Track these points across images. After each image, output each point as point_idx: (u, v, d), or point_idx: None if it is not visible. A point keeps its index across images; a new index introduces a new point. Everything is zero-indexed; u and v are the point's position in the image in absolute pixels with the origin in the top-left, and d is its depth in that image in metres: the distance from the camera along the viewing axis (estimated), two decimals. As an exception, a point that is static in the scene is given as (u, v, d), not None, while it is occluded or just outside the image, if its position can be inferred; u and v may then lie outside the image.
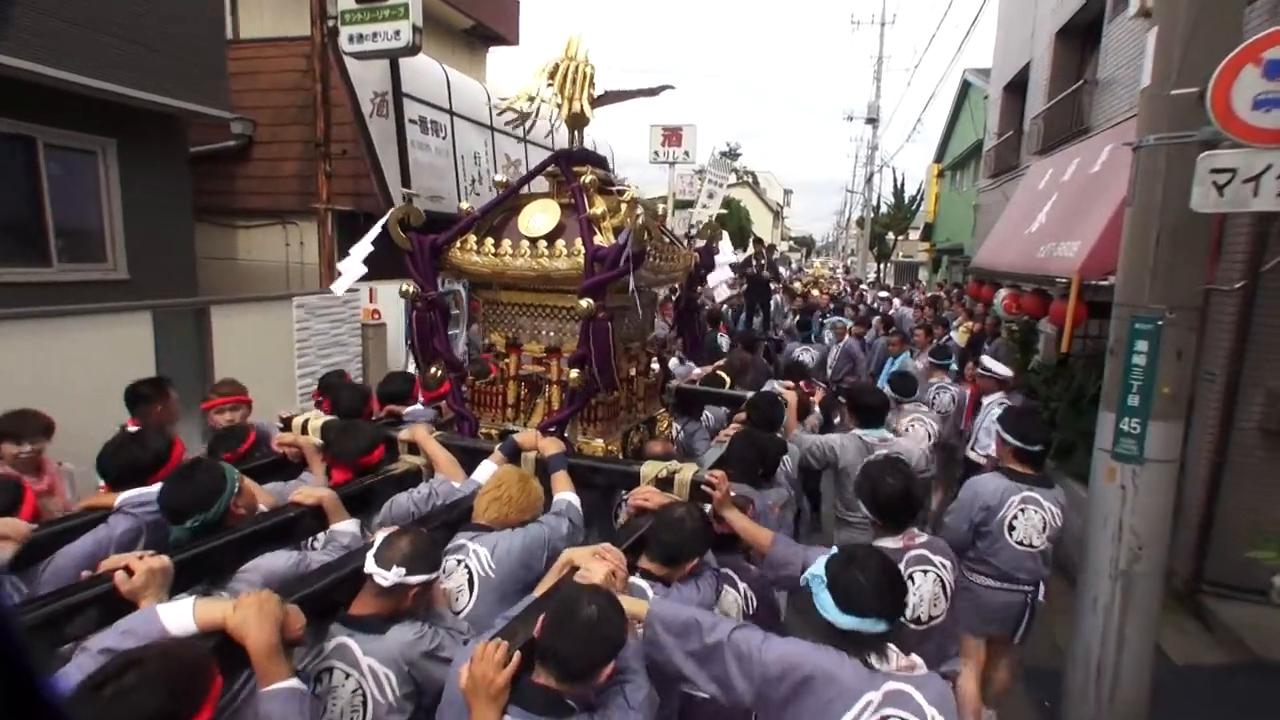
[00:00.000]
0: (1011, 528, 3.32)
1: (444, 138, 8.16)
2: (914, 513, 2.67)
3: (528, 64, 3.45)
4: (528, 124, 3.36)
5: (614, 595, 1.76)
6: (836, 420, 5.15)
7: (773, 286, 13.25)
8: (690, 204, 18.28)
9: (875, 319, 10.61)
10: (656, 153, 19.91)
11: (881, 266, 34.37)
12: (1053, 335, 9.38)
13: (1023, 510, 3.33)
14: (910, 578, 2.49)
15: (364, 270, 3.77)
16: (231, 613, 1.56)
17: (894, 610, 1.80)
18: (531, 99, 3.28)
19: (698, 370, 5.15)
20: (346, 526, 2.43)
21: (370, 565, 1.89)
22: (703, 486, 2.59)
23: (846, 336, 8.57)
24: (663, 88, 4.02)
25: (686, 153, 19.91)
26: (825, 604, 1.79)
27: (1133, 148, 3.60)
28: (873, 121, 26.46)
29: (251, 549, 2.15)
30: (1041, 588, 3.41)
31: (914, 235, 32.78)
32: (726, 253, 5.65)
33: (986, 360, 5.65)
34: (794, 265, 39.59)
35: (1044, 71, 10.10)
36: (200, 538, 2.08)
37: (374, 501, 2.73)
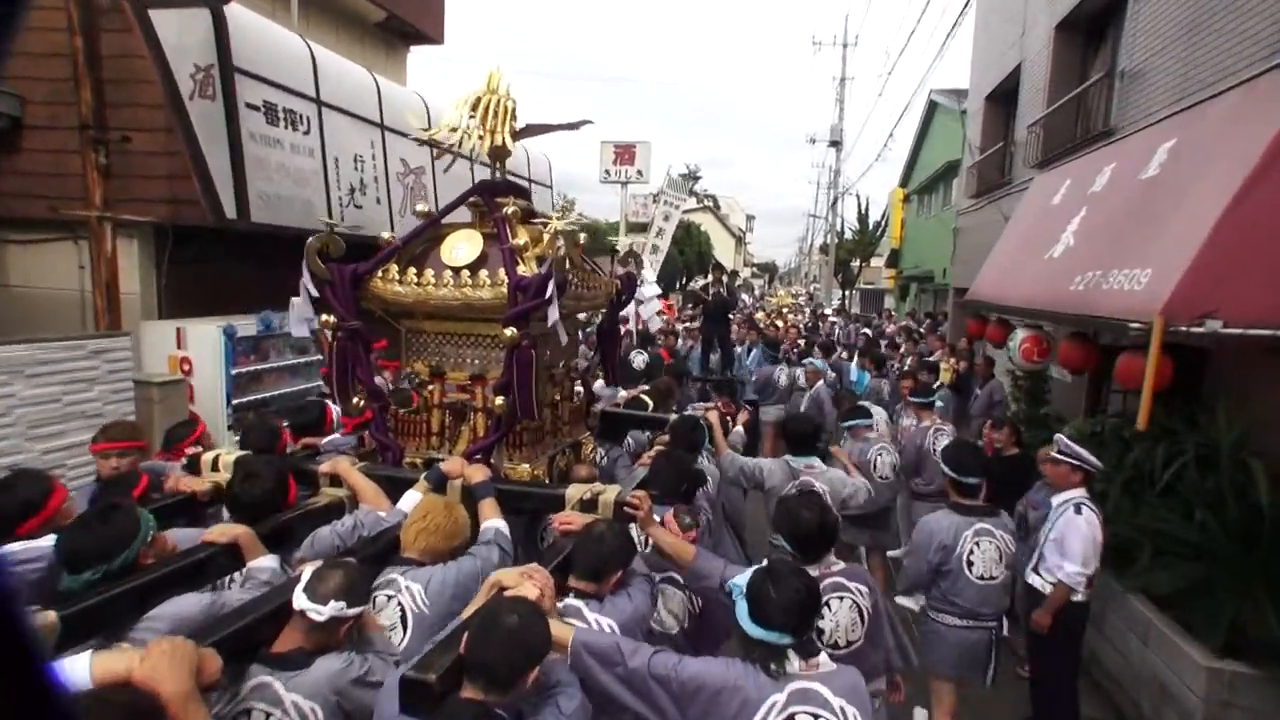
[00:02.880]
0: (970, 563, 3.37)
1: (306, 132, 6.25)
2: (830, 544, 2.70)
3: (455, 68, 3.19)
4: (448, 160, 3.62)
5: (536, 605, 1.85)
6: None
7: (731, 316, 11.59)
8: (644, 227, 16.68)
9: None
10: (608, 172, 18.23)
11: (846, 294, 33.30)
12: (1069, 384, 7.87)
13: (978, 544, 3.38)
14: (827, 604, 2.54)
15: (310, 315, 3.41)
16: (138, 663, 1.49)
17: (801, 627, 1.88)
18: (454, 129, 3.33)
19: (623, 394, 5.06)
20: (265, 563, 2.33)
21: (301, 601, 1.86)
22: (625, 507, 2.68)
23: (820, 383, 7.42)
24: (583, 122, 3.95)
25: (640, 172, 18.29)
26: (741, 614, 1.92)
27: None
28: (836, 144, 25.38)
29: (157, 595, 2.00)
30: (1004, 622, 3.49)
31: (876, 262, 31.83)
32: (650, 280, 5.07)
33: (1069, 442, 3.91)
34: (756, 292, 38.38)
35: (1041, 73, 8.70)
36: (96, 587, 1.94)
37: (293, 537, 2.61)
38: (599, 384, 5.16)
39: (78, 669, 1.47)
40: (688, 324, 13.21)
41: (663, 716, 1.90)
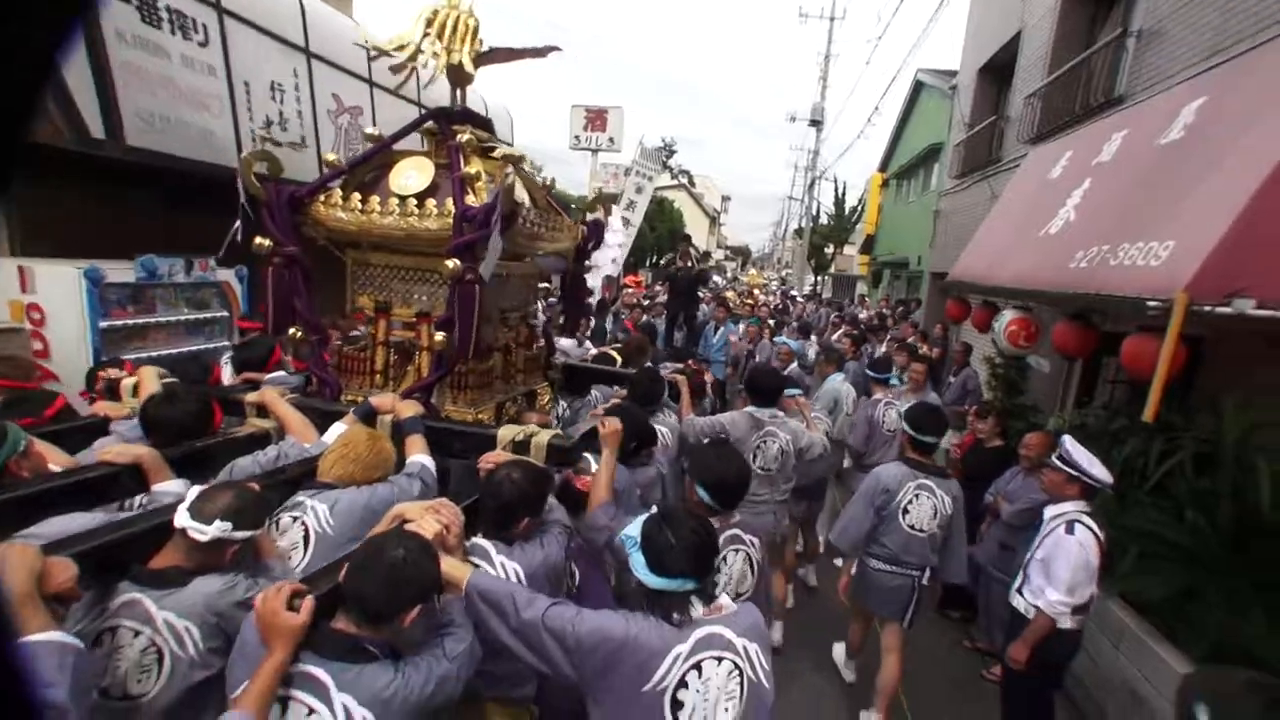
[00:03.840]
0: (905, 511, 3.59)
1: (203, 44, 5.27)
2: (742, 495, 2.69)
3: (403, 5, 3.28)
4: (401, 77, 3.19)
5: (428, 543, 1.77)
6: None
7: (700, 294, 10.95)
8: (615, 198, 15.90)
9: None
10: (577, 137, 17.39)
11: (819, 279, 32.91)
12: (1048, 374, 7.39)
13: (916, 496, 3.60)
14: (724, 556, 2.59)
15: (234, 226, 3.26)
16: None
17: (702, 570, 1.82)
18: (405, 45, 3.09)
19: (594, 350, 4.98)
20: (172, 487, 2.21)
21: (184, 519, 1.78)
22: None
23: (794, 364, 6.97)
24: (550, 48, 3.60)
25: (611, 139, 17.50)
26: (638, 565, 1.81)
27: None
28: (816, 124, 24.70)
29: (41, 511, 1.92)
30: (927, 573, 3.67)
31: (849, 250, 31.47)
32: (616, 229, 4.99)
33: (1073, 448, 3.34)
34: (729, 274, 37.85)
35: (1043, 40, 8.12)
36: None
37: (212, 465, 2.49)
38: (570, 341, 4.96)
39: None
40: (655, 300, 12.58)
41: (555, 669, 1.81)
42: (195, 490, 1.87)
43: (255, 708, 1.47)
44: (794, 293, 24.18)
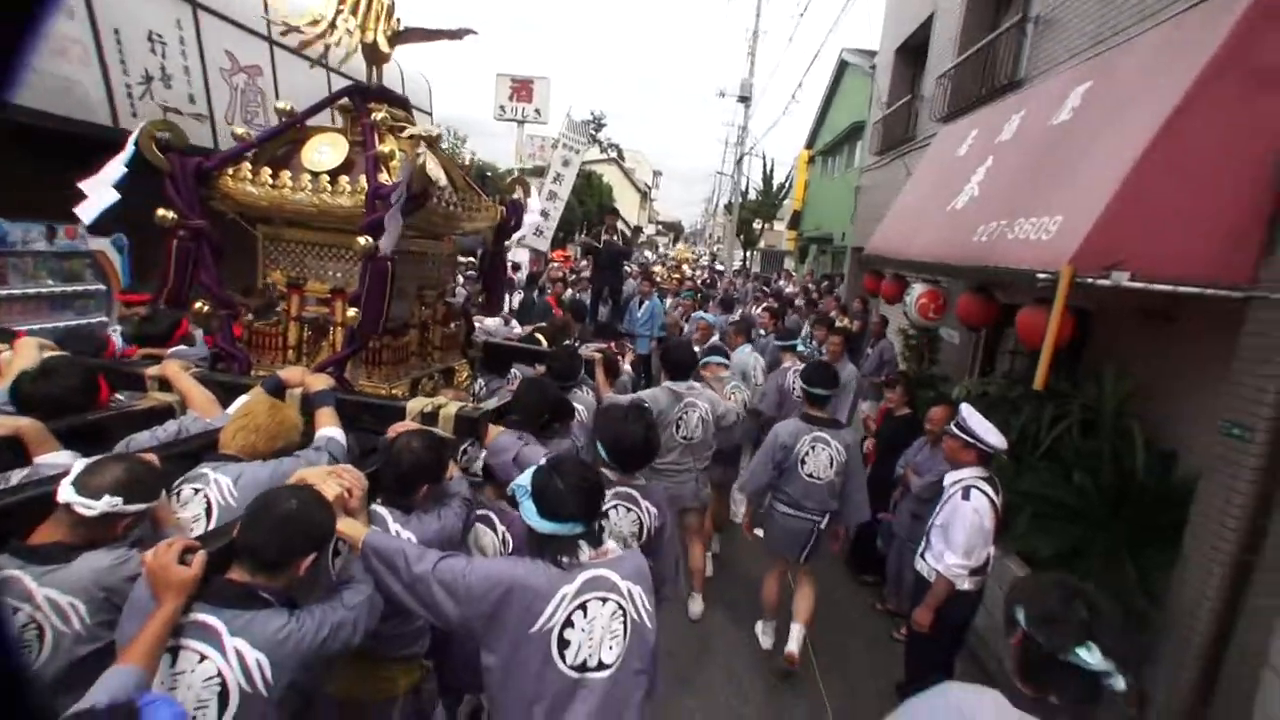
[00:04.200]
0: (803, 462, 3.93)
1: (61, -16, 4.75)
2: (650, 458, 2.81)
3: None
4: (315, 52, 3.22)
5: (321, 494, 1.82)
6: None
7: (627, 269, 10.91)
8: (542, 171, 15.55)
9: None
10: (502, 108, 16.84)
11: (748, 254, 33.37)
12: (957, 345, 7.72)
13: (813, 448, 3.92)
14: (614, 508, 2.71)
15: (115, 197, 2.86)
16: None
17: (589, 514, 1.92)
18: (317, 22, 3.07)
19: (519, 330, 5.14)
20: (58, 459, 2.10)
21: (68, 494, 1.71)
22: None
23: (715, 337, 6.83)
24: (465, 31, 3.62)
25: (538, 110, 17.02)
26: (529, 512, 1.90)
27: None
28: (745, 100, 24.72)
29: None
30: (826, 518, 3.99)
31: (779, 225, 32.00)
32: (534, 207, 4.59)
33: (969, 415, 3.46)
34: (660, 250, 37.86)
35: (953, 22, 8.35)
36: None
37: (107, 439, 2.36)
38: (496, 321, 5.04)
39: None
40: (581, 274, 12.46)
41: (446, 621, 1.89)
42: (81, 463, 1.80)
43: (142, 660, 1.47)
44: (720, 267, 24.44)
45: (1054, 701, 1.53)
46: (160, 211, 2.92)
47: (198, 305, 3.14)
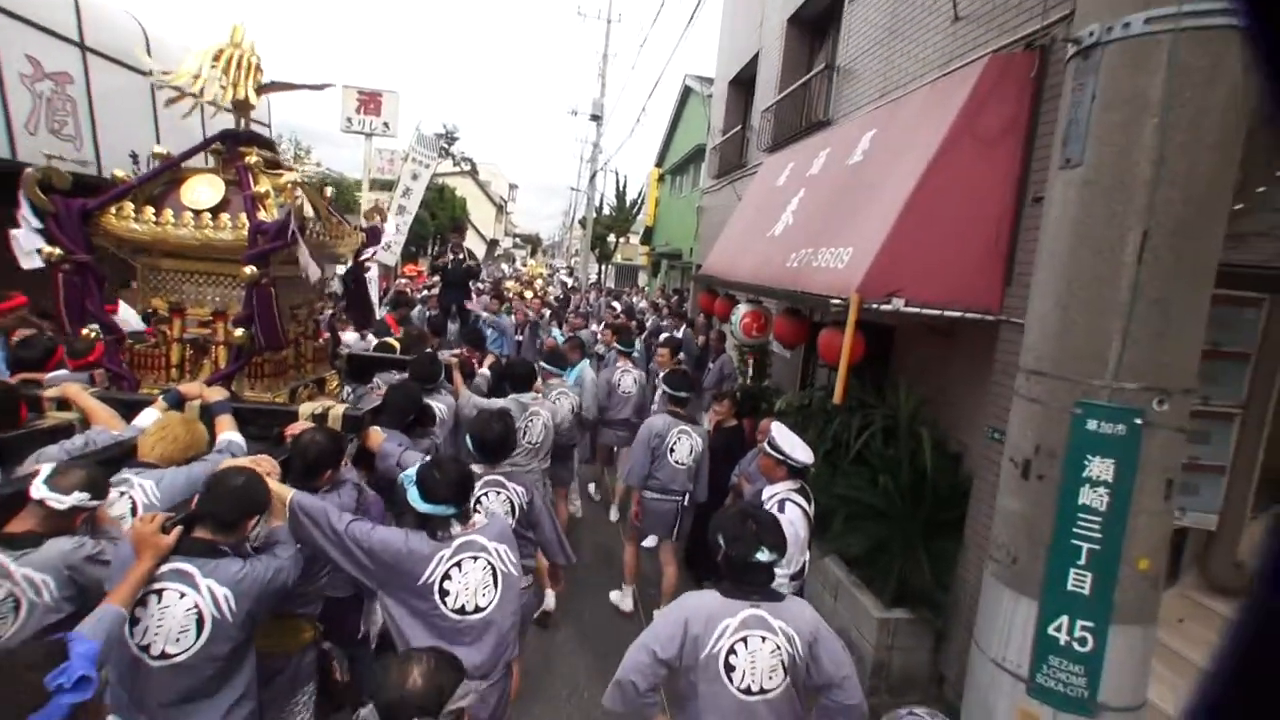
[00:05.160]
0: (672, 450, 4.73)
1: None
2: (508, 452, 3.43)
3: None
4: (189, 106, 3.67)
5: (258, 474, 2.34)
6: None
7: (474, 285, 10.79)
8: (390, 184, 14.95)
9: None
10: (349, 120, 16.04)
11: (602, 268, 33.86)
12: (789, 359, 8.36)
13: (679, 438, 4.73)
14: (487, 494, 3.31)
15: (39, 240, 3.25)
16: None
17: (461, 500, 2.48)
18: (196, 77, 3.51)
19: (375, 341, 5.50)
20: None
21: (41, 491, 2.13)
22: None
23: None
24: (326, 85, 4.17)
25: (386, 124, 16.33)
26: (414, 496, 2.43)
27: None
28: (596, 119, 25.22)
29: None
30: (688, 497, 4.81)
31: (635, 240, 32.75)
32: (390, 232, 6.26)
33: (781, 433, 3.76)
34: (517, 263, 37.43)
35: (775, 62, 9.07)
36: None
37: (15, 456, 2.72)
38: (353, 335, 5.61)
39: None
40: (432, 291, 12.14)
41: (361, 571, 2.40)
42: (47, 467, 2.22)
43: (123, 601, 1.96)
44: (570, 281, 24.73)
45: (748, 586, 2.28)
46: (45, 248, 3.21)
47: (85, 331, 3.43)
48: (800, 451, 3.71)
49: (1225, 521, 3.90)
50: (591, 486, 7.30)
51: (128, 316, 5.35)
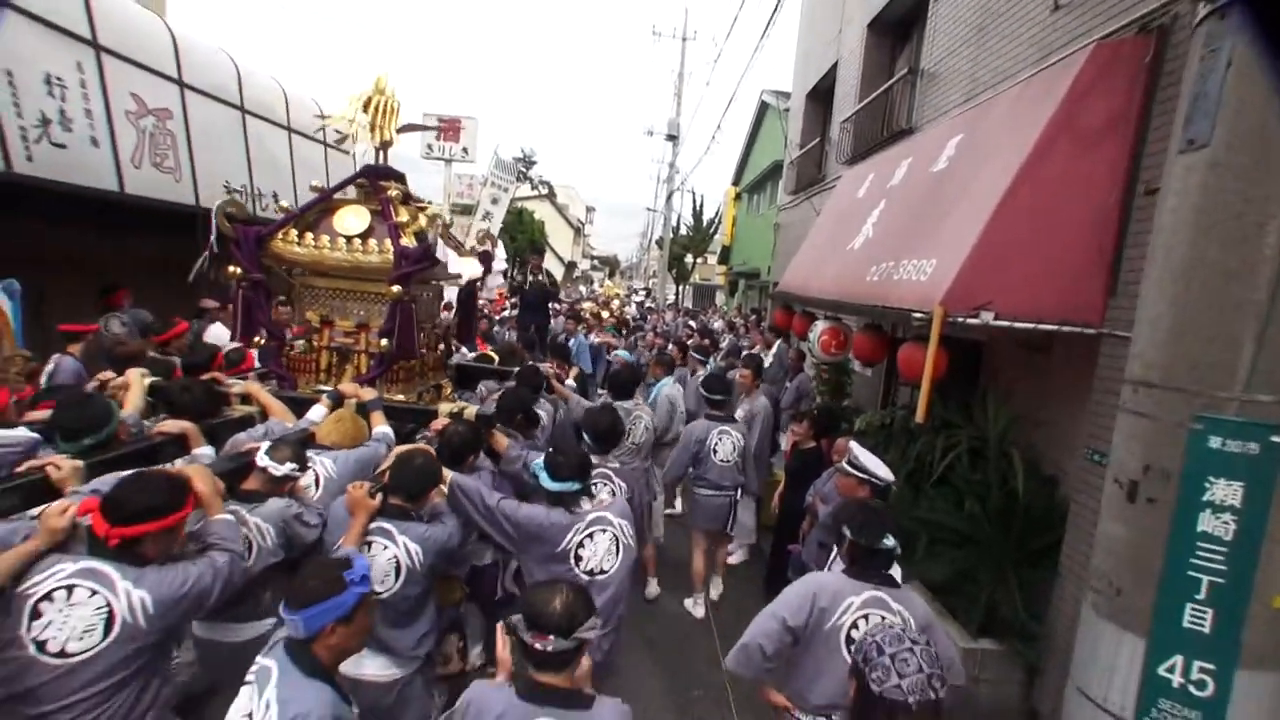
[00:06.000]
0: (715, 451, 5.02)
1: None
2: (617, 440, 4.08)
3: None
4: (346, 144, 5.10)
5: (433, 455, 2.98)
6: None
7: (553, 308, 10.98)
8: (470, 209, 15.52)
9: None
10: (430, 146, 16.86)
11: (680, 289, 33.89)
12: (869, 378, 8.04)
13: (720, 439, 5.05)
14: (596, 484, 3.64)
15: (205, 258, 4.04)
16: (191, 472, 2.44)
17: (583, 478, 3.04)
18: (351, 121, 4.19)
19: (470, 354, 5.92)
20: (206, 451, 3.08)
21: (265, 460, 2.78)
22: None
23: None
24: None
25: (465, 150, 17.12)
26: (545, 479, 2.99)
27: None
28: (673, 138, 25.44)
29: (129, 464, 2.59)
30: (739, 491, 5.16)
31: (712, 260, 32.66)
32: (501, 258, 6.19)
33: (859, 452, 3.62)
34: (595, 285, 38.02)
35: (854, 70, 8.86)
36: (88, 454, 2.61)
37: (218, 440, 3.25)
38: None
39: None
40: (507, 313, 12.47)
41: (506, 539, 3.00)
42: (266, 444, 2.87)
43: (353, 545, 2.53)
44: (648, 303, 24.86)
45: (871, 570, 2.52)
46: (230, 268, 3.99)
47: (256, 339, 4.22)
48: (882, 470, 3.59)
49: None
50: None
51: (220, 334, 5.85)
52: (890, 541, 2.52)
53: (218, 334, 5.96)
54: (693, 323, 16.05)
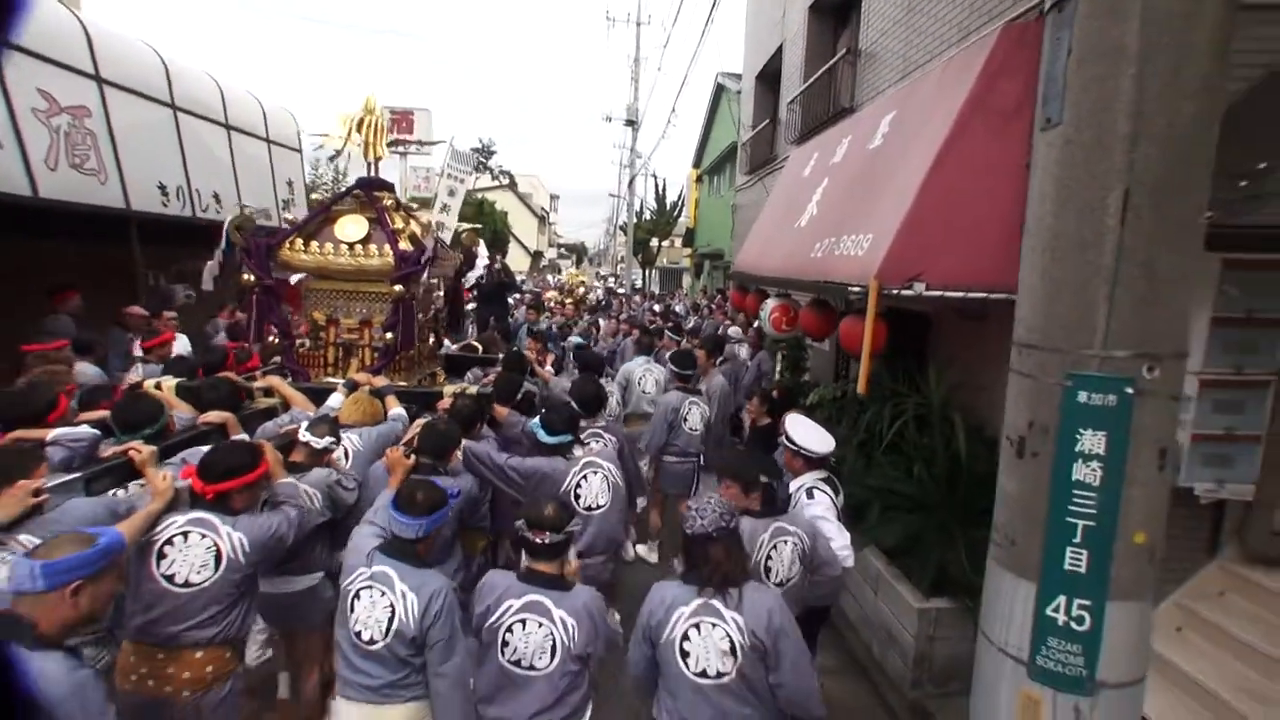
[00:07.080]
0: (685, 419, 5.52)
1: None
2: (602, 405, 4.50)
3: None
4: (339, 162, 6.39)
5: (451, 421, 3.61)
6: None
7: (511, 300, 10.99)
8: (428, 202, 15.36)
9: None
10: (393, 143, 16.70)
11: (646, 273, 33.93)
12: (826, 352, 8.23)
13: (690, 409, 5.54)
14: (589, 443, 4.07)
15: (216, 266, 4.89)
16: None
17: (572, 430, 3.76)
18: (345, 139, 4.84)
19: (454, 347, 6.40)
20: (241, 438, 3.43)
21: (307, 436, 3.27)
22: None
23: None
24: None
25: (420, 142, 16.94)
26: (542, 434, 3.68)
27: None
28: (631, 124, 25.35)
29: (188, 446, 3.26)
30: (701, 458, 5.60)
31: (678, 242, 32.71)
32: (483, 255, 7.00)
33: (796, 425, 3.72)
34: (562, 274, 37.83)
35: (799, 52, 8.98)
36: (150, 442, 3.03)
37: (249, 427, 3.76)
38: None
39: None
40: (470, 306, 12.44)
41: (517, 490, 3.60)
42: (305, 422, 3.41)
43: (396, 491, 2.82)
44: (620, 290, 24.90)
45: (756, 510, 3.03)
46: (244, 276, 4.48)
47: (269, 340, 4.76)
48: (815, 442, 3.63)
49: (1262, 491, 3.67)
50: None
51: (181, 348, 5.78)
52: (765, 478, 3.10)
53: (180, 347, 5.86)
54: (657, 306, 16.16)
